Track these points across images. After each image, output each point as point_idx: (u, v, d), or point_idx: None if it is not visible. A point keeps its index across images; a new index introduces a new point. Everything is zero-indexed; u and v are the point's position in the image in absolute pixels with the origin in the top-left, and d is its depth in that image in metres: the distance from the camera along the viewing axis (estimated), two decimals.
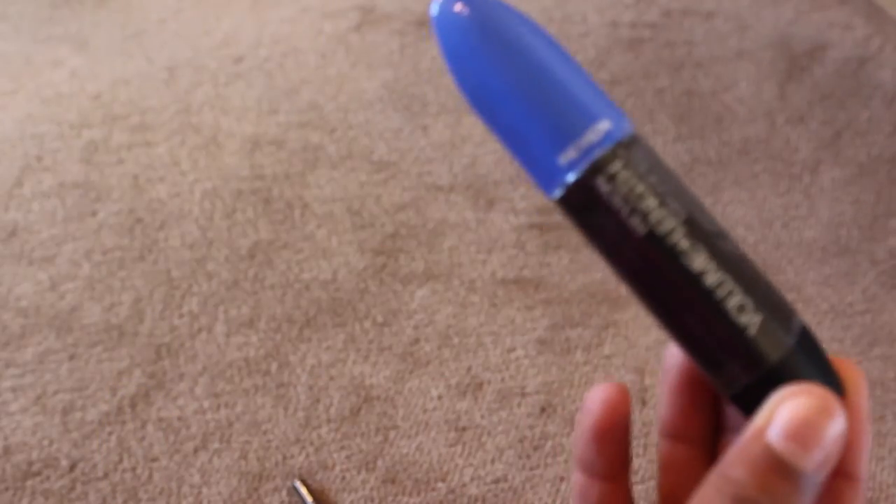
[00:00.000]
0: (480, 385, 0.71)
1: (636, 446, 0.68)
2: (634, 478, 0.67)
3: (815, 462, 0.19)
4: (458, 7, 0.21)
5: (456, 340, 0.73)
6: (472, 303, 0.76)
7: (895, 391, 0.73)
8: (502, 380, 0.71)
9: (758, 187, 0.88)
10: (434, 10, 0.22)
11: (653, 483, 0.66)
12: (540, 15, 1.05)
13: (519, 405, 0.70)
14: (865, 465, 0.21)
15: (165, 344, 0.72)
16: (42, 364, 0.70)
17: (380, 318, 0.74)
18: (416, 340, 0.73)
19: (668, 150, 0.90)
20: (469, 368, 0.72)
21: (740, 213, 0.85)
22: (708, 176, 0.88)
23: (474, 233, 0.81)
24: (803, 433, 0.19)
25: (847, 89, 0.99)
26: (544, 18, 1.05)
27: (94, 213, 0.81)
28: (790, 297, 0.79)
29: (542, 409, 0.70)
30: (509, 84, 0.21)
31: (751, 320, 0.20)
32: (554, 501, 0.65)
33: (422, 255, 0.79)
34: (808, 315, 0.78)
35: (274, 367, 0.71)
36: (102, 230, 0.79)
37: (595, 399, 0.24)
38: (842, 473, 0.21)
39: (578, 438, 0.24)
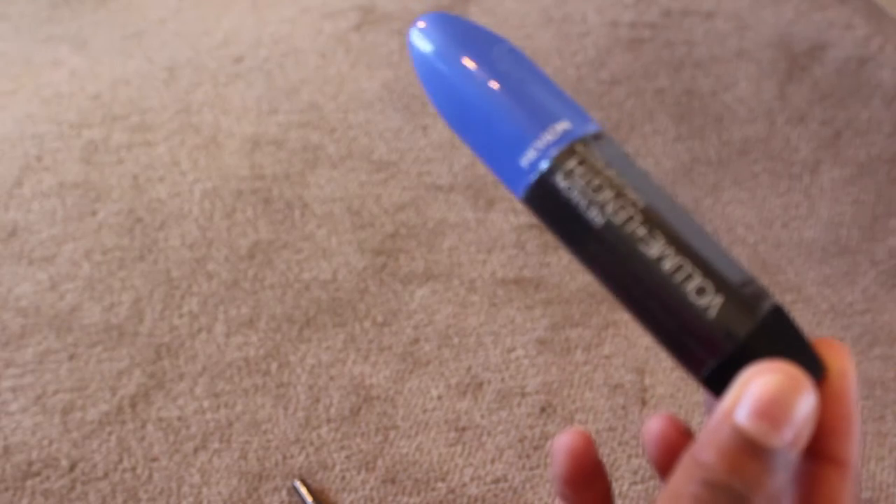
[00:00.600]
0: (480, 385, 0.71)
1: (636, 446, 0.68)
2: (634, 478, 0.67)
3: (786, 440, 0.19)
4: (430, 25, 0.24)
5: (456, 340, 0.73)
6: (472, 303, 0.76)
7: (895, 391, 0.73)
8: (502, 380, 0.71)
9: (758, 187, 0.88)
10: (413, 28, 0.24)
11: (653, 483, 0.66)
12: (540, 15, 1.05)
13: (519, 405, 0.70)
14: (855, 450, 0.21)
15: (165, 344, 0.72)
16: (42, 364, 0.70)
17: (380, 318, 0.74)
18: (416, 340, 0.73)
19: (668, 150, 0.90)
20: (469, 368, 0.72)
21: (740, 213, 0.85)
22: (708, 176, 0.88)
23: (474, 233, 0.81)
24: (771, 411, 0.19)
25: (847, 89, 0.99)
26: (544, 18, 1.05)
27: (94, 213, 0.81)
28: (790, 297, 0.79)
29: (542, 409, 0.70)
30: (474, 94, 0.23)
31: (711, 302, 0.21)
32: (554, 501, 0.65)
33: (422, 255, 0.79)
34: (808, 315, 0.78)
35: (274, 367, 0.71)
36: (102, 230, 0.79)
37: (559, 450, 0.24)
38: (828, 458, 0.20)
39: (553, 480, 0.25)
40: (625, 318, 0.76)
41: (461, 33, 0.24)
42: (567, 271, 0.79)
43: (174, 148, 0.87)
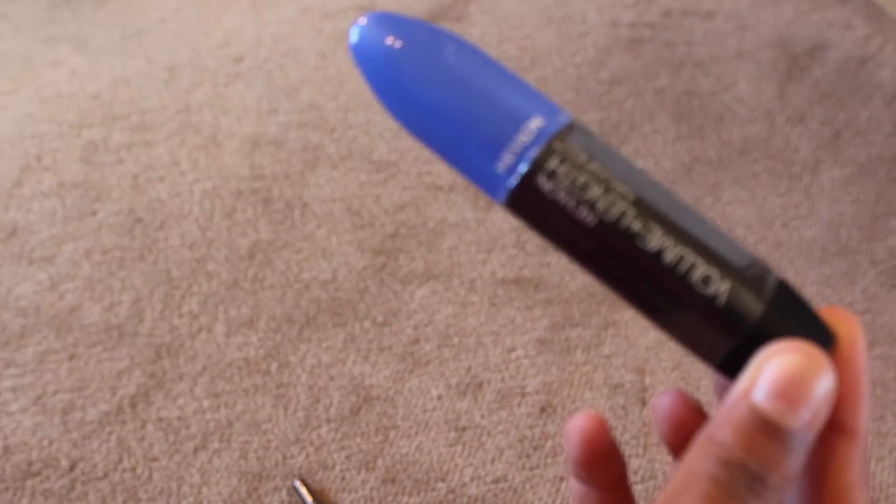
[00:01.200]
0: (480, 385, 0.71)
1: (636, 446, 0.68)
2: (634, 478, 0.67)
3: (803, 420, 0.18)
4: (376, 32, 0.22)
5: (456, 340, 0.73)
6: (472, 303, 0.76)
7: (895, 391, 0.73)
8: (502, 380, 0.71)
9: (758, 187, 0.88)
10: (353, 37, 0.22)
11: (653, 483, 0.66)
12: (539, 15, 1.05)
13: (519, 405, 0.70)
14: (864, 419, 0.21)
15: (165, 344, 0.72)
16: (42, 364, 0.70)
17: (380, 318, 0.74)
18: (416, 340, 0.73)
19: (668, 150, 0.90)
20: (469, 368, 0.72)
21: (740, 213, 0.85)
22: (708, 176, 0.88)
23: (474, 233, 0.81)
24: (789, 391, 0.18)
25: (847, 89, 0.99)
26: (544, 18, 1.05)
27: (94, 213, 0.81)
28: None
29: (542, 409, 0.70)
30: (434, 102, 0.21)
31: (719, 289, 0.20)
32: (554, 501, 0.65)
33: (422, 255, 0.79)
34: None
35: (274, 367, 0.71)
36: (102, 230, 0.79)
37: (572, 433, 0.24)
38: (838, 427, 0.20)
39: (568, 463, 0.25)
40: (625, 319, 0.76)
41: (408, 32, 0.22)
42: (567, 271, 0.79)
43: (174, 148, 0.87)
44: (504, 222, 0.82)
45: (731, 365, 0.20)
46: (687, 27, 1.05)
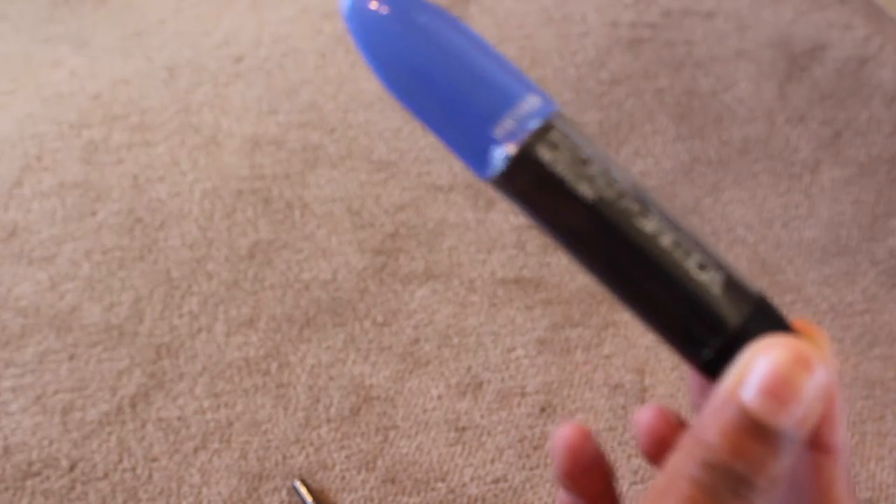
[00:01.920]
0: (480, 385, 0.71)
1: (635, 446, 0.68)
2: (634, 478, 0.67)
3: (794, 419, 0.18)
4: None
5: (456, 340, 0.73)
6: (472, 303, 0.76)
7: (895, 391, 0.73)
8: (502, 380, 0.71)
9: (758, 187, 0.88)
10: (344, 4, 0.21)
11: (651, 484, 0.66)
12: (539, 15, 1.05)
13: (519, 405, 0.70)
14: (843, 435, 0.20)
15: (165, 344, 0.72)
16: (42, 364, 0.70)
17: (380, 318, 0.74)
18: (416, 340, 0.73)
19: (668, 150, 0.90)
20: (469, 368, 0.72)
21: (740, 213, 0.85)
22: (708, 176, 0.88)
23: (474, 233, 0.81)
24: (779, 388, 0.18)
25: (847, 89, 0.99)
26: (544, 18, 1.04)
27: (94, 213, 0.81)
28: (790, 297, 0.79)
29: (542, 409, 0.70)
30: (434, 65, 0.20)
31: (713, 278, 0.20)
32: (554, 501, 0.65)
33: (422, 255, 0.79)
34: (808, 315, 0.78)
35: (274, 367, 0.71)
36: (102, 230, 0.79)
37: (556, 445, 0.23)
38: (818, 446, 0.20)
39: (554, 472, 0.24)
40: (625, 319, 0.76)
41: (405, 3, 0.21)
42: (567, 271, 0.79)
43: (174, 148, 0.87)
44: (504, 222, 0.82)
45: (716, 364, 0.20)
46: (687, 27, 1.05)
